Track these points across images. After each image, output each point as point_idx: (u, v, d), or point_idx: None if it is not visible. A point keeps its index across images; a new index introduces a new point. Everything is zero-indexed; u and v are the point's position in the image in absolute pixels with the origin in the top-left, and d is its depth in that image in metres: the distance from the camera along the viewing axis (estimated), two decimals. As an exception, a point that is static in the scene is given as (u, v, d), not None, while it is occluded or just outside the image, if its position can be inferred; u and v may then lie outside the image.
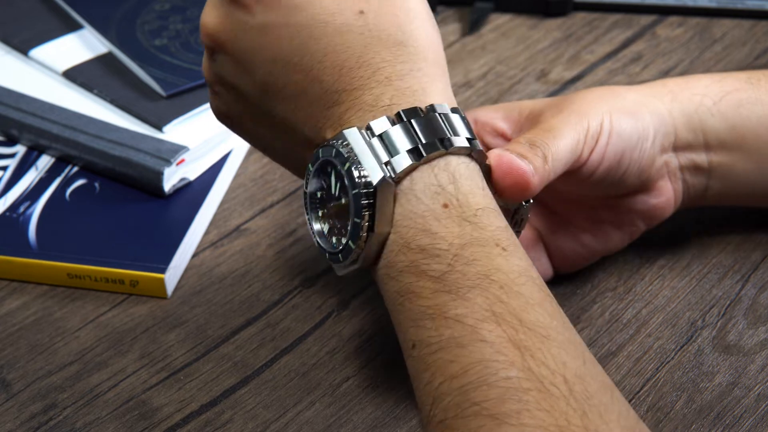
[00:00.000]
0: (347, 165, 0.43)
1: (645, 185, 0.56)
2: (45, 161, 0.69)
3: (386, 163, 0.43)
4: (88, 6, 0.78)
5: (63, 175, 0.68)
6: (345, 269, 0.46)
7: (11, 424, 0.53)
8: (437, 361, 0.40)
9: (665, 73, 0.77)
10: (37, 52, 0.74)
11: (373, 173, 0.43)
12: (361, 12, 0.45)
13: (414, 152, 0.43)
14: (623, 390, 0.53)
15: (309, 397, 0.54)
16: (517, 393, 0.38)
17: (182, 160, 0.66)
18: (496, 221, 0.43)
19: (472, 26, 0.83)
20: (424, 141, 0.43)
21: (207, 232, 0.65)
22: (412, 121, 0.44)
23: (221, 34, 0.47)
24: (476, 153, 0.45)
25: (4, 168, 0.68)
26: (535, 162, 0.48)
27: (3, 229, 0.63)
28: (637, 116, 0.54)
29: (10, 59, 0.75)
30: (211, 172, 0.68)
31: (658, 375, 0.54)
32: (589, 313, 0.58)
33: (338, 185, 0.45)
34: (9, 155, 0.69)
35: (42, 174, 0.68)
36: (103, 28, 0.75)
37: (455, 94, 0.75)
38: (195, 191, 0.66)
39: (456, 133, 0.44)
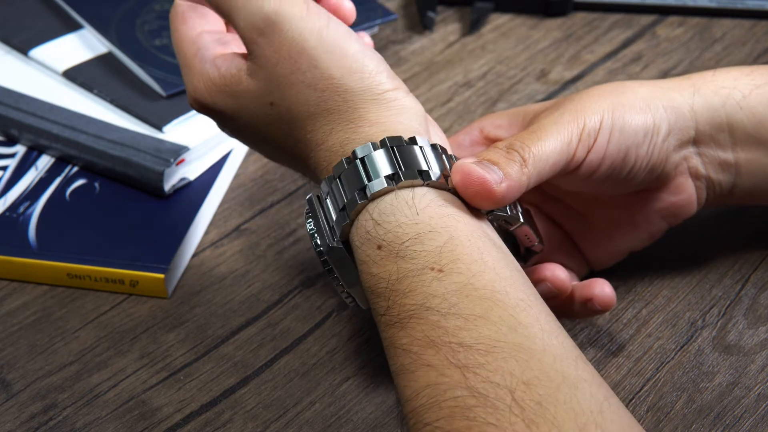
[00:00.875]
0: (309, 233, 0.49)
1: (660, 182, 0.54)
2: (45, 161, 0.69)
3: (332, 227, 0.47)
4: (87, 6, 0.78)
5: (63, 175, 0.68)
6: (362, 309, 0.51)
7: (11, 424, 0.53)
8: (398, 386, 0.43)
9: (665, 73, 0.77)
10: (37, 52, 0.74)
11: (322, 241, 0.48)
12: (271, 104, 0.49)
13: (344, 210, 0.46)
14: (623, 390, 0.53)
15: (309, 397, 0.54)
16: (463, 411, 0.39)
17: (182, 160, 0.66)
18: (430, 245, 0.44)
19: (472, 26, 0.83)
20: (348, 199, 0.46)
21: (207, 232, 0.65)
22: (341, 178, 0.47)
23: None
24: (403, 183, 0.45)
25: (4, 168, 0.68)
26: (507, 168, 0.47)
27: (3, 229, 0.63)
28: (646, 111, 0.52)
29: (10, 59, 0.75)
30: (211, 172, 0.68)
31: (658, 375, 0.54)
32: (589, 313, 0.58)
33: None
34: (9, 155, 0.69)
35: (42, 174, 0.68)
36: (102, 28, 0.75)
37: (456, 94, 0.75)
38: (195, 191, 0.66)
39: (374, 176, 0.46)
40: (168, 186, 0.65)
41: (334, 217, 0.47)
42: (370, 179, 0.46)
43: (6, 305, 0.60)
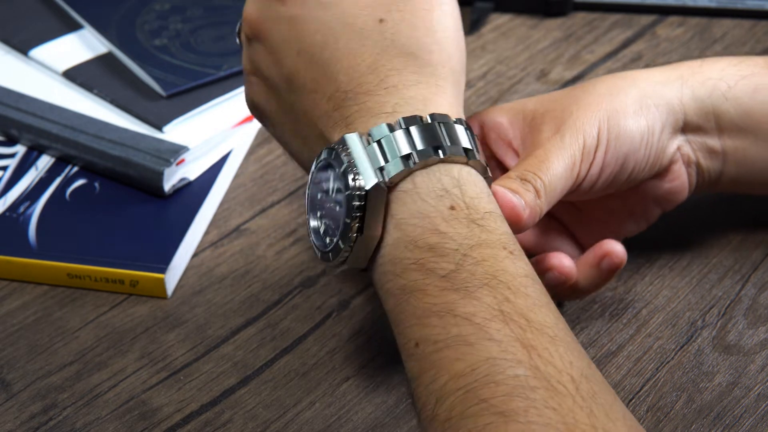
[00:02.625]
0: (344, 168, 0.45)
1: (659, 173, 0.55)
2: (45, 161, 0.69)
3: (381, 169, 0.45)
4: (87, 6, 0.78)
5: (63, 175, 0.68)
6: (335, 269, 0.47)
7: (11, 424, 0.53)
8: (443, 360, 0.40)
9: (665, 73, 0.77)
10: (37, 52, 0.74)
11: (367, 178, 0.44)
12: (381, 20, 0.47)
13: (408, 158, 0.44)
14: (623, 390, 0.53)
15: (309, 397, 0.54)
16: (524, 391, 0.38)
17: (182, 160, 0.66)
18: (503, 226, 0.44)
19: (472, 26, 0.83)
20: (419, 148, 0.44)
21: (207, 232, 0.65)
22: (411, 128, 0.45)
23: (258, 24, 0.50)
24: (474, 162, 0.46)
25: (4, 168, 0.68)
26: (526, 197, 0.48)
27: (3, 229, 0.63)
28: (638, 114, 0.53)
29: (10, 59, 0.75)
30: (211, 172, 0.68)
31: (658, 375, 0.54)
32: (589, 313, 0.58)
33: (335, 187, 0.46)
34: (9, 155, 0.69)
35: (42, 174, 0.68)
36: (102, 28, 0.75)
37: (455, 94, 0.75)
38: (195, 191, 0.66)
39: (454, 143, 0.45)
40: (168, 186, 0.65)
41: (390, 160, 0.44)
42: (451, 142, 0.45)
43: (6, 305, 0.60)
